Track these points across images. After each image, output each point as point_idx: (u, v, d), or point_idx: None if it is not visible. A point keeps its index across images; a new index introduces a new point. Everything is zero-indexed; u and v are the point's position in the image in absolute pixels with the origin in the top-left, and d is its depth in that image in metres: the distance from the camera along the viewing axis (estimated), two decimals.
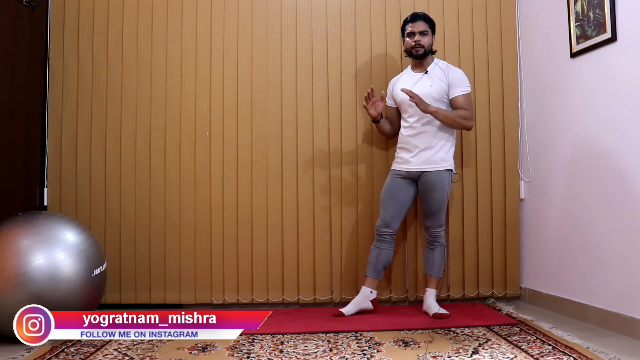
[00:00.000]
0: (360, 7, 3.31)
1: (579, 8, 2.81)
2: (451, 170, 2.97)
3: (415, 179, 2.97)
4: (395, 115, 3.10)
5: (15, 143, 3.00)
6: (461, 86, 2.95)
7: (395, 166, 3.03)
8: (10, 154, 2.96)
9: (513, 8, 3.36)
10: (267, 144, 3.27)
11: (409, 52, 3.00)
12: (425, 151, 2.92)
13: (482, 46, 3.33)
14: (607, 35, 2.60)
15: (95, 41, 3.26)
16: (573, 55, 2.87)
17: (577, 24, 2.83)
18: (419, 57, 2.98)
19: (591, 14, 2.71)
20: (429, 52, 2.99)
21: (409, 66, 3.09)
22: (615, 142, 2.58)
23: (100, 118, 3.24)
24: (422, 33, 2.95)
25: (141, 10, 3.28)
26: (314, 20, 3.32)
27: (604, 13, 2.61)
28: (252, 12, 3.30)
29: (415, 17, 2.98)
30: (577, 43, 2.83)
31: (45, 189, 3.22)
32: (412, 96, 2.83)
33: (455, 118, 2.90)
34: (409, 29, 2.97)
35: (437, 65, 3.01)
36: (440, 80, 2.95)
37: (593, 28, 2.70)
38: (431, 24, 3.00)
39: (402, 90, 2.88)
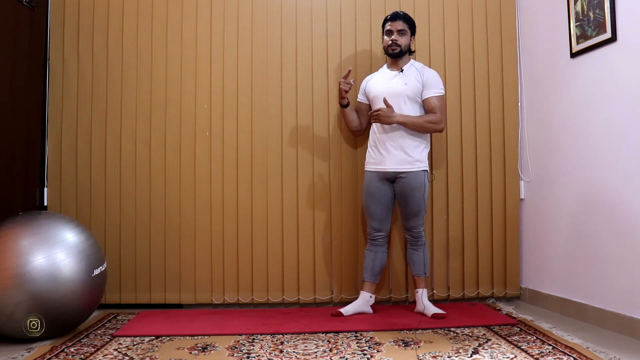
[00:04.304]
0: (360, 7, 3.31)
1: (579, 8, 2.81)
2: (426, 170, 2.96)
3: (391, 179, 2.95)
4: (365, 111, 3.09)
5: (15, 143, 3.00)
6: (435, 88, 2.95)
7: (370, 167, 3.00)
8: (10, 154, 2.96)
9: (513, 8, 3.36)
10: (267, 143, 3.27)
11: (386, 50, 3.01)
12: (400, 151, 2.91)
13: (482, 46, 3.33)
14: (607, 35, 2.60)
15: (95, 41, 3.27)
16: (573, 55, 2.87)
17: (577, 24, 2.83)
18: (395, 56, 2.98)
19: (591, 14, 2.71)
20: (406, 52, 3.00)
21: (385, 64, 3.09)
22: (615, 142, 2.58)
23: (100, 118, 3.24)
24: (400, 32, 2.95)
25: (141, 10, 3.28)
26: (314, 20, 3.32)
27: (604, 13, 2.61)
28: (252, 12, 3.30)
29: (395, 16, 2.97)
30: (577, 43, 2.83)
31: (45, 189, 3.22)
32: (379, 110, 2.84)
33: (423, 124, 2.90)
34: (387, 26, 2.98)
35: (412, 65, 3.01)
36: (416, 80, 2.95)
37: (593, 28, 2.70)
38: (411, 24, 3.00)
39: (383, 100, 2.86)
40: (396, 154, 2.90)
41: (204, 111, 3.27)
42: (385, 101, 2.86)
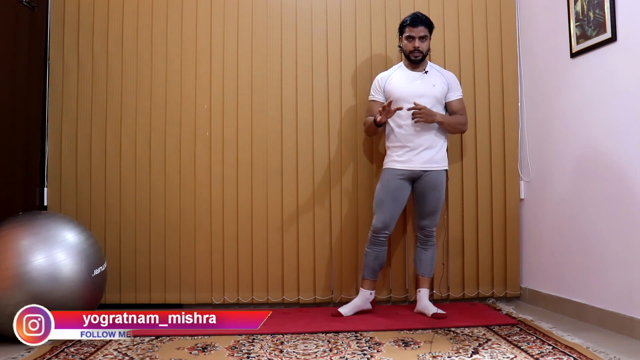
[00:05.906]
0: (360, 7, 3.31)
1: (579, 8, 2.81)
2: (447, 170, 3.01)
3: (416, 178, 2.96)
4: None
5: (15, 143, 3.00)
6: (458, 90, 3.03)
7: (395, 165, 2.95)
8: (10, 154, 2.96)
9: (513, 8, 3.36)
10: (267, 144, 3.27)
11: (407, 56, 2.99)
12: (428, 150, 2.92)
13: (482, 46, 3.33)
14: (607, 35, 2.60)
15: (95, 41, 3.26)
16: (573, 55, 2.87)
17: (577, 24, 2.83)
18: (417, 62, 2.98)
19: (591, 14, 2.71)
20: (426, 56, 3.01)
21: (401, 63, 3.07)
22: (615, 142, 2.58)
23: (100, 118, 3.24)
24: (421, 38, 2.94)
25: (141, 10, 3.28)
26: (314, 20, 3.32)
27: (604, 13, 2.61)
28: (252, 12, 3.30)
29: (416, 22, 2.93)
30: (577, 43, 2.83)
31: (45, 189, 3.22)
32: (420, 108, 2.85)
33: (456, 125, 2.99)
34: (408, 32, 2.94)
35: (432, 67, 3.02)
36: (442, 82, 2.98)
37: (593, 28, 2.70)
38: (431, 28, 2.98)
39: (414, 103, 2.85)
40: (425, 153, 2.92)
41: (204, 111, 3.27)
42: (416, 104, 2.86)
